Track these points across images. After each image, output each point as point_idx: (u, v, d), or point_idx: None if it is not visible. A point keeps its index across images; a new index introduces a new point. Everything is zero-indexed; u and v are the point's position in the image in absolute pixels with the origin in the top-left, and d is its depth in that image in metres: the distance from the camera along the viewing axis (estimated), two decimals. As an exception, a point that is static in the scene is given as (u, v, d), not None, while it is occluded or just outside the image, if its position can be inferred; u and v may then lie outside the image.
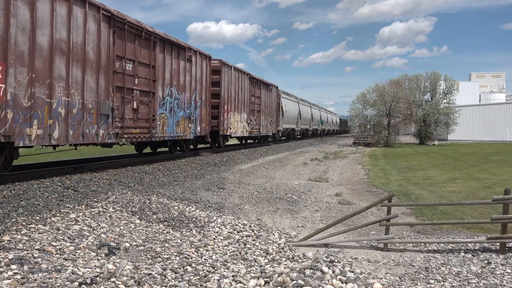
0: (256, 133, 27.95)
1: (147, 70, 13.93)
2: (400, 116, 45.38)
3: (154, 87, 14.31)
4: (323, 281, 5.31)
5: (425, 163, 23.32)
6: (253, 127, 26.84)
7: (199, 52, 18.13)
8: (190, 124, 17.28)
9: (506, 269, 6.68)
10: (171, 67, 15.56)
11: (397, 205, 8.99)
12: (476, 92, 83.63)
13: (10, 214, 6.89)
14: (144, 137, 13.91)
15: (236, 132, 23.66)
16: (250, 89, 26.06)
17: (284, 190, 13.06)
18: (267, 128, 30.77)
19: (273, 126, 32.57)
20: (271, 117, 32.01)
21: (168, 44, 15.31)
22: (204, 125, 18.99)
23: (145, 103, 13.87)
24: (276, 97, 33.55)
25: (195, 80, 17.68)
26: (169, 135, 15.64)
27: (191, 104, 17.36)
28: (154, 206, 8.85)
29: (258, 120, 28.14)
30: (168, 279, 5.37)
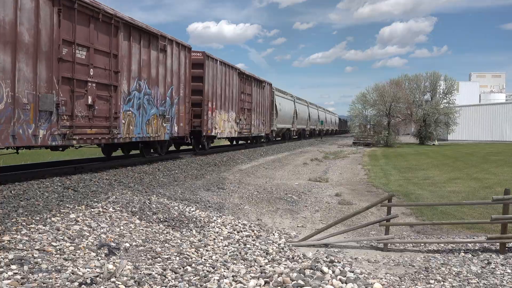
0: (246, 134, 25.74)
1: (107, 60, 11.69)
2: (400, 116, 45.39)
3: (116, 80, 12.09)
4: (323, 281, 5.31)
5: (425, 163, 23.32)
6: (243, 127, 24.65)
7: (175, 41, 15.88)
8: (164, 124, 15.05)
9: (506, 269, 6.68)
10: (140, 57, 13.36)
11: (397, 205, 8.99)
12: (476, 92, 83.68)
13: (10, 214, 6.89)
14: (104, 138, 11.73)
15: (223, 133, 21.57)
16: (240, 86, 23.87)
17: (284, 190, 13.06)
18: (259, 128, 28.47)
19: (266, 126, 30.24)
20: (264, 116, 29.67)
21: (135, 31, 13.06)
22: (183, 124, 16.72)
23: (104, 99, 11.63)
24: (269, 95, 31.23)
25: (171, 74, 15.45)
26: (137, 136, 13.45)
27: (166, 101, 15.16)
28: (154, 206, 8.85)
29: (249, 119, 25.84)
30: (168, 279, 5.37)
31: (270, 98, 31.38)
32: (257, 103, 27.76)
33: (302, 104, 47.90)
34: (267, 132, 30.74)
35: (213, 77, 19.89)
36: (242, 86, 24.46)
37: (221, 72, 20.86)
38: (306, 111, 49.03)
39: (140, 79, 13.43)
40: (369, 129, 50.72)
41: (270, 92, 31.52)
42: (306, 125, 49.91)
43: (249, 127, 26.09)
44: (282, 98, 36.79)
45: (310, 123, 52.04)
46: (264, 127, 29.74)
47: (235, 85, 23.17)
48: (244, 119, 24.95)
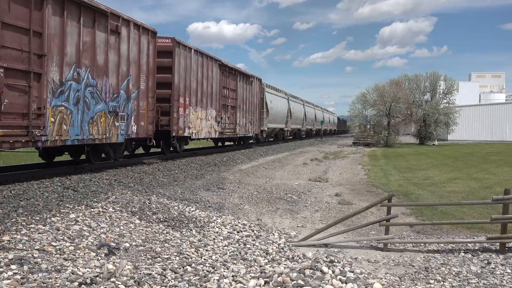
0: (230, 134, 22.93)
1: (25, 39, 9.02)
2: (400, 116, 45.41)
3: (40, 66, 9.42)
4: (323, 281, 5.31)
5: (425, 163, 23.33)
6: (225, 126, 21.77)
7: (134, 23, 13.11)
8: (117, 122, 12.29)
9: (506, 269, 6.68)
10: (80, 38, 10.64)
11: (397, 205, 8.99)
12: (476, 92, 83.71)
13: (10, 214, 6.89)
14: (18, 142, 8.97)
15: (200, 133, 18.79)
16: (221, 80, 21.05)
17: (284, 190, 13.06)
18: (247, 128, 25.63)
19: (255, 125, 27.34)
20: (252, 115, 26.72)
21: (72, 4, 10.37)
22: (145, 123, 13.91)
23: (19, 90, 8.93)
24: (258, 92, 28.18)
25: (127, 62, 12.70)
26: (75, 138, 10.65)
27: (120, 95, 12.38)
28: (154, 206, 8.85)
29: (233, 118, 22.98)
30: (168, 279, 5.37)
31: (259, 95, 28.39)
32: (244, 100, 24.85)
33: (297, 103, 45.37)
34: (256, 132, 27.88)
35: (186, 68, 17.12)
36: (225, 80, 21.53)
37: (196, 63, 18.06)
38: (301, 110, 46.50)
39: (79, 66, 10.69)
40: (369, 129, 50.73)
41: (260, 88, 28.70)
42: (302, 125, 47.45)
43: (234, 126, 23.21)
44: (274, 96, 34.26)
45: (306, 122, 49.44)
46: (252, 127, 26.80)
47: (215, 78, 20.24)
48: (227, 118, 22.06)
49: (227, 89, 22.01)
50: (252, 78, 26.48)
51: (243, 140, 27.40)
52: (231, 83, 22.65)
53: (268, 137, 34.74)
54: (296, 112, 43.26)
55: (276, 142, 37.06)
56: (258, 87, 28.33)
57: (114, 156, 13.37)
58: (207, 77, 19.28)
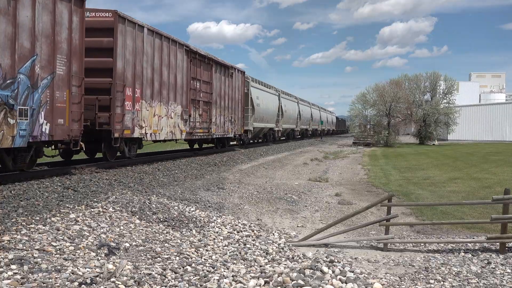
0: (202, 134, 19.05)
1: None
2: (400, 116, 45.42)
3: None
4: (323, 281, 5.31)
5: (425, 163, 23.33)
6: (195, 125, 18.03)
7: None
8: (12, 119, 8.75)
9: (506, 269, 6.68)
10: None
11: (397, 205, 8.99)
12: (476, 92, 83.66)
13: (10, 214, 6.89)
14: None
15: (158, 133, 15.07)
16: (190, 69, 17.36)
17: (284, 190, 13.06)
18: (226, 128, 21.97)
19: (236, 124, 23.80)
20: (233, 112, 23.15)
21: None
22: (65, 120, 10.40)
23: None
24: (241, 86, 24.66)
25: (30, 35, 9.23)
26: None
27: (18, 80, 8.88)
28: (154, 206, 8.85)
29: (207, 115, 19.34)
30: (168, 279, 5.37)
31: (242, 90, 24.82)
32: (222, 95, 21.28)
33: (290, 100, 41.95)
34: (238, 132, 24.24)
35: (136, 51, 13.52)
36: (195, 70, 17.80)
37: (152, 46, 14.46)
38: (295, 109, 43.17)
39: None
40: (369, 129, 50.72)
41: (243, 82, 24.97)
42: (296, 125, 43.93)
43: (208, 125, 19.51)
44: (261, 92, 30.57)
45: (301, 122, 45.86)
46: (233, 126, 23.21)
47: (180, 67, 16.59)
48: (199, 115, 18.24)
49: (198, 81, 18.19)
50: (233, 70, 22.86)
51: (222, 141, 23.46)
52: (204, 74, 18.93)
53: (255, 137, 31.75)
54: (289, 111, 39.89)
55: (265, 143, 33.45)
56: (241, 80, 24.71)
57: (13, 166, 9.83)
58: (168, 65, 15.60)
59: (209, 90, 19.61)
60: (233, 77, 23.02)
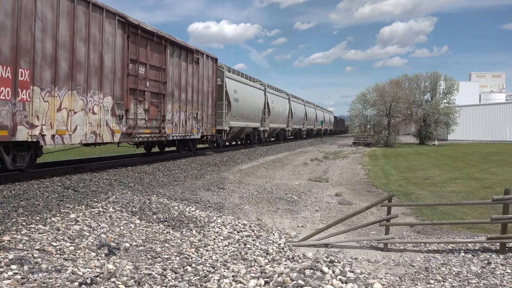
0: (150, 135, 14.46)
1: None
2: (400, 116, 45.42)
3: None
4: (323, 281, 5.31)
5: (425, 163, 23.32)
6: (136, 124, 13.55)
7: None
8: None
9: (506, 269, 6.68)
10: None
11: (397, 205, 8.99)
12: (476, 92, 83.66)
13: (10, 214, 6.89)
14: None
15: (68, 136, 10.58)
16: (127, 49, 12.91)
17: (284, 190, 13.06)
18: (189, 127, 17.40)
19: (206, 123, 19.20)
20: (201, 108, 18.56)
21: None
22: None
23: None
24: (213, 76, 19.92)
25: None
26: None
27: None
28: (154, 206, 8.85)
29: (158, 111, 14.90)
30: (168, 279, 5.37)
31: (214, 81, 20.12)
32: (182, 85, 16.74)
33: (280, 97, 37.33)
34: (207, 132, 19.46)
35: (20, 12, 9.11)
36: (136, 51, 13.38)
37: (55, 9, 10.08)
38: (285, 106, 38.49)
39: None
40: (369, 129, 50.73)
41: (215, 72, 20.28)
42: (287, 124, 39.25)
43: (159, 124, 14.99)
44: (241, 84, 25.59)
45: (293, 121, 41.43)
46: (200, 125, 18.55)
47: (111, 44, 12.15)
48: (144, 110, 14.01)
49: (143, 65, 13.84)
50: (199, 55, 18.09)
51: (185, 144, 18.93)
52: (154, 57, 14.55)
53: (235, 139, 27.25)
54: (278, 108, 35.37)
55: (247, 145, 28.74)
56: (212, 69, 19.90)
57: None
58: (86, 39, 11.20)
59: (161, 79, 14.89)
60: (199, 64, 18.16)
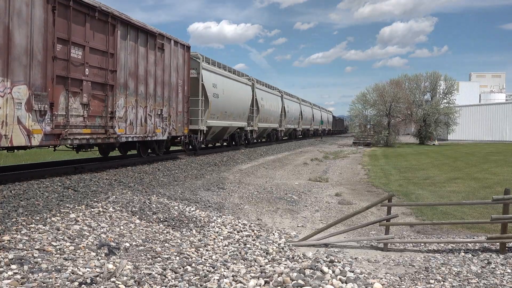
0: (91, 136, 11.38)
1: None
2: (400, 116, 45.43)
3: None
4: (323, 281, 5.31)
5: (425, 163, 23.32)
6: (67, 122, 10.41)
7: None
8: None
9: (506, 269, 6.68)
10: None
11: (397, 205, 8.98)
12: (476, 92, 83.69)
13: (10, 214, 6.89)
14: None
15: None
16: (52, 24, 9.88)
17: (284, 190, 13.06)
18: (151, 126, 14.33)
19: (175, 122, 16.23)
20: (168, 104, 15.53)
21: None
22: None
23: None
24: (184, 67, 16.87)
25: None
26: None
27: None
28: (154, 206, 8.85)
29: (105, 107, 11.88)
30: (168, 279, 5.37)
31: (185, 72, 17.01)
32: (141, 76, 13.72)
33: (273, 94, 34.01)
34: (177, 133, 16.49)
35: None
36: (67, 29, 10.37)
37: None
38: (278, 104, 35.21)
39: None
40: (369, 129, 50.73)
41: (187, 62, 17.17)
42: (280, 124, 35.94)
43: (106, 122, 11.92)
44: (222, 78, 22.30)
45: (286, 120, 38.17)
46: (167, 125, 15.55)
47: (25, 17, 9.15)
48: (82, 105, 10.94)
49: (80, 47, 10.84)
50: (163, 40, 15.01)
51: (149, 146, 15.81)
52: (97, 39, 11.46)
53: (217, 139, 23.91)
54: (269, 106, 32.04)
55: (231, 147, 25.46)
56: (184, 59, 16.85)
57: None
58: None
59: (108, 66, 11.89)
60: (165, 51, 15.21)
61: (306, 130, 50.09)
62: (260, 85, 30.58)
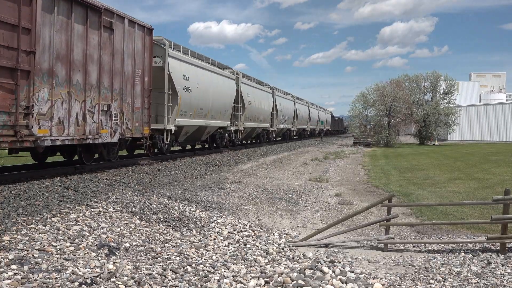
0: None
1: None
2: (400, 116, 45.45)
3: None
4: (323, 281, 5.31)
5: (425, 163, 23.32)
6: None
7: None
8: None
9: (506, 269, 6.68)
10: None
11: (397, 205, 8.98)
12: (476, 92, 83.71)
13: (10, 214, 6.89)
14: None
15: None
16: None
17: (284, 190, 13.06)
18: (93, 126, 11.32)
19: (131, 120, 13.18)
20: (120, 98, 12.57)
21: None
22: None
23: None
24: (144, 53, 13.85)
25: None
26: None
27: None
28: (154, 206, 8.86)
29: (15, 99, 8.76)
30: (168, 279, 5.37)
31: (147, 60, 14.03)
32: (78, 61, 10.79)
33: (261, 89, 30.19)
34: (134, 134, 13.44)
35: None
36: None
37: None
38: (269, 103, 31.74)
39: None
40: (369, 129, 50.73)
41: (149, 47, 14.16)
42: (270, 123, 32.35)
43: (16, 120, 8.80)
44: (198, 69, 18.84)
45: (279, 120, 34.64)
46: (119, 123, 12.51)
47: None
48: None
49: None
50: (113, 18, 12.08)
51: (93, 150, 12.47)
52: (2, 6, 8.56)
53: (193, 140, 20.43)
54: (256, 103, 28.11)
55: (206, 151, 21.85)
56: (143, 44, 13.79)
57: None
58: None
59: (21, 45, 8.90)
60: (116, 32, 12.21)
61: (301, 130, 47.01)
62: (245, 79, 26.49)
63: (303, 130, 47.67)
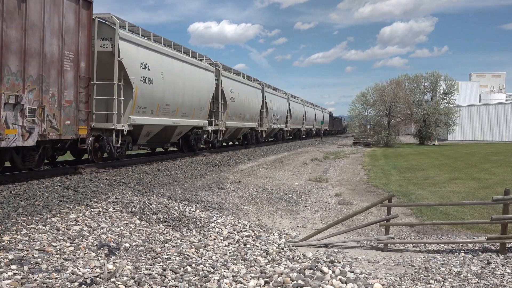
0: None
1: None
2: (400, 116, 45.44)
3: None
4: (323, 281, 5.31)
5: (425, 163, 23.32)
6: None
7: None
8: None
9: (506, 269, 6.68)
10: None
11: (397, 205, 8.99)
12: (476, 92, 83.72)
13: (10, 214, 6.89)
14: None
15: None
16: None
17: (284, 190, 13.06)
18: None
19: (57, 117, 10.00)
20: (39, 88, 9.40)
21: None
22: None
23: None
24: (78, 32, 10.71)
25: None
26: None
27: None
28: (154, 207, 8.85)
29: None
30: (168, 279, 5.37)
31: (84, 41, 11.04)
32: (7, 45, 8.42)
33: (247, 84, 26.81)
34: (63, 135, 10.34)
35: None
36: None
37: None
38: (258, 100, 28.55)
39: None
40: (369, 129, 50.72)
41: (85, 24, 11.10)
42: (259, 122, 29.32)
43: None
44: (162, 57, 15.40)
45: (269, 118, 31.54)
46: (36, 122, 9.32)
47: None
48: None
49: None
50: None
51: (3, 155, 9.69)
52: None
53: (154, 142, 17.06)
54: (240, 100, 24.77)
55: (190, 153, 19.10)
56: (78, 19, 10.80)
57: None
58: None
59: None
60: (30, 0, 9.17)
61: (296, 130, 43.58)
62: (227, 72, 23.37)
63: (298, 130, 44.67)
